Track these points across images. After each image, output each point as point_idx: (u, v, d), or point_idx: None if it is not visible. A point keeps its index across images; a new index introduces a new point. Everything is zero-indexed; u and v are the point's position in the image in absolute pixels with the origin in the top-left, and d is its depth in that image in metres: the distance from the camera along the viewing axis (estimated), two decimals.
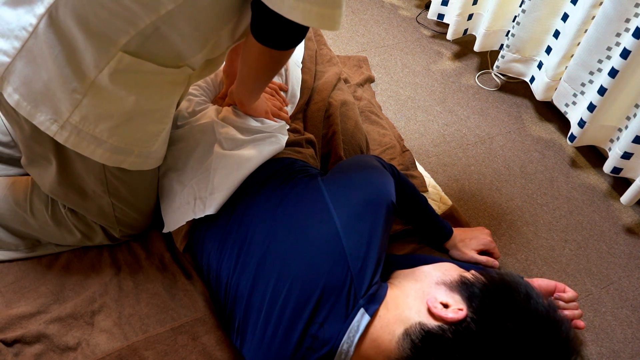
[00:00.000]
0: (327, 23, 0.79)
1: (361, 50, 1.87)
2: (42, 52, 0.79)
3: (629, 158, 1.34)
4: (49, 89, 0.81)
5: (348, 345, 0.79)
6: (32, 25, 0.78)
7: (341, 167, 0.99)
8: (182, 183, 1.03)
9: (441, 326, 0.76)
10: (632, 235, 1.39)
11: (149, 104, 0.89)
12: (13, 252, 1.09)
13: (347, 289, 0.80)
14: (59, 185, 0.98)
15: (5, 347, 0.94)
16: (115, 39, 0.79)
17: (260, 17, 0.83)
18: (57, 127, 0.83)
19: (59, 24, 0.77)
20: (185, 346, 0.97)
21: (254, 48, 0.90)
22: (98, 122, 0.85)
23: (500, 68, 1.71)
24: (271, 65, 0.96)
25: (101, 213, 1.04)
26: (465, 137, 1.60)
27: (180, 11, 0.79)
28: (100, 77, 0.81)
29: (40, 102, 0.82)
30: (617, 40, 1.32)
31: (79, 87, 0.81)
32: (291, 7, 0.76)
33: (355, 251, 0.81)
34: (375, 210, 0.86)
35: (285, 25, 0.82)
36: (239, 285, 0.88)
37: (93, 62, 0.80)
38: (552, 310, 0.76)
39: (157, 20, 0.79)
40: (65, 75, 0.80)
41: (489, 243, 1.19)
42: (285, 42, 0.88)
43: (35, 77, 0.80)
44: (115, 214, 1.05)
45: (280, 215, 0.90)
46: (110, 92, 0.83)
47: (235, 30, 0.91)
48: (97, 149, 0.87)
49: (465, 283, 0.81)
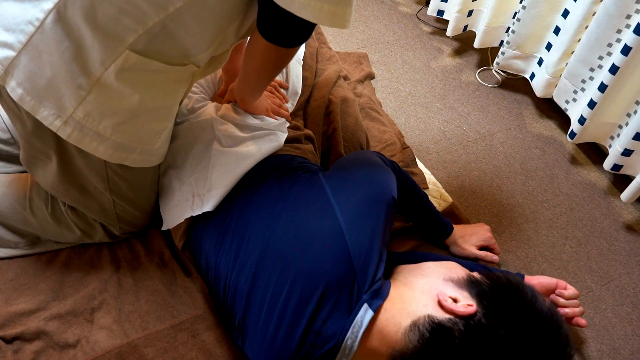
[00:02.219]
0: (338, 21, 0.79)
1: (361, 46, 1.87)
2: (48, 47, 0.78)
3: (629, 155, 1.34)
4: (53, 84, 0.80)
5: (352, 340, 0.80)
6: (39, 20, 0.77)
7: (343, 163, 0.99)
8: (180, 180, 1.03)
9: (452, 319, 0.77)
10: (632, 232, 1.38)
11: (153, 102, 0.88)
12: (12, 250, 1.09)
13: (350, 285, 0.80)
14: (59, 182, 0.97)
15: (5, 344, 0.94)
16: (123, 37, 0.78)
17: (268, 14, 0.83)
18: (60, 123, 0.83)
19: (67, 20, 0.77)
20: (185, 343, 0.97)
21: (260, 45, 0.89)
22: (102, 119, 0.84)
23: (500, 65, 1.71)
24: (276, 63, 0.96)
25: (102, 210, 1.04)
26: (465, 134, 1.60)
27: (189, 9, 0.79)
28: (106, 75, 0.80)
29: (44, 97, 0.81)
30: (617, 37, 1.32)
31: (84, 83, 0.80)
32: (302, 4, 0.76)
33: (359, 247, 0.81)
34: (378, 207, 0.87)
35: (294, 23, 0.81)
36: (239, 283, 0.88)
37: (99, 59, 0.79)
38: (554, 312, 0.78)
39: (166, 18, 0.79)
40: (70, 71, 0.79)
41: (489, 239, 1.19)
42: (293, 40, 0.87)
43: (40, 72, 0.79)
44: (115, 211, 1.04)
45: (280, 212, 0.90)
46: (116, 90, 0.82)
47: (241, 28, 0.91)
48: (100, 146, 0.87)
49: (473, 281, 0.82)
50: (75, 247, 1.11)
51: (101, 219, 1.07)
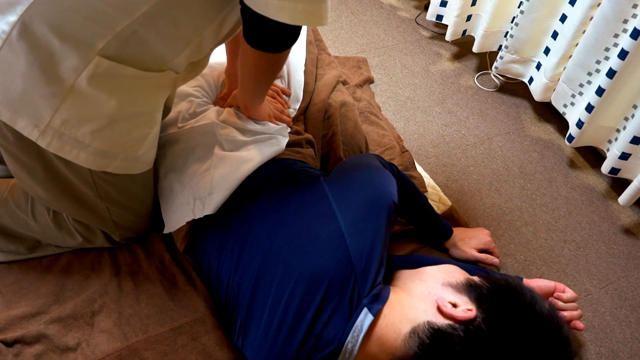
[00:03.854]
0: (315, 19, 0.80)
1: (360, 51, 1.88)
2: (17, 58, 0.77)
3: (627, 159, 1.34)
4: (27, 94, 0.80)
5: (352, 344, 0.80)
6: (5, 33, 0.76)
7: (343, 167, 0.99)
8: (182, 183, 1.03)
9: (452, 325, 0.77)
10: (630, 236, 1.39)
11: (132, 107, 0.88)
12: (13, 254, 1.09)
13: (351, 288, 0.80)
14: (50, 193, 0.97)
15: (5, 348, 0.94)
16: (92, 43, 0.78)
17: (250, 22, 0.83)
18: (38, 132, 0.82)
19: (33, 30, 0.76)
20: (185, 346, 0.97)
21: (250, 54, 0.90)
22: (80, 126, 0.84)
23: (499, 69, 1.71)
24: (270, 69, 0.96)
25: (98, 218, 1.04)
26: (464, 138, 1.60)
27: (157, 12, 0.79)
28: (79, 82, 0.80)
29: (20, 108, 0.80)
30: (615, 41, 1.33)
31: (57, 91, 0.80)
32: (277, 8, 0.77)
33: (359, 251, 0.82)
34: (379, 211, 0.87)
35: (275, 28, 0.82)
36: (241, 286, 0.88)
37: (71, 66, 0.79)
38: (554, 314, 0.78)
39: (134, 22, 0.78)
40: (43, 80, 0.79)
41: (489, 242, 1.20)
42: (278, 45, 0.88)
43: (12, 84, 0.79)
44: (112, 218, 1.04)
45: (282, 216, 0.90)
46: (90, 96, 0.82)
47: (219, 31, 0.91)
48: (80, 153, 0.86)
49: (472, 285, 0.82)
50: (75, 251, 1.11)
51: (99, 226, 1.06)
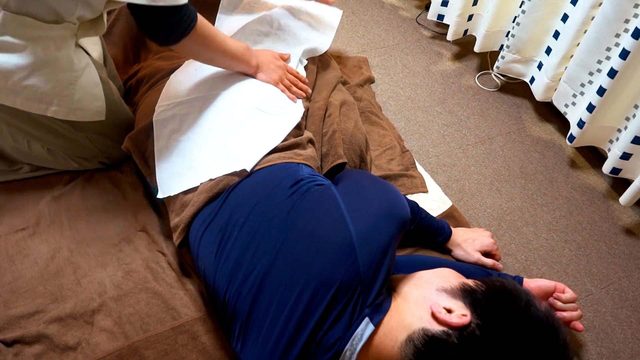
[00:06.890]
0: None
1: (361, 50, 1.88)
2: None
3: (628, 159, 1.34)
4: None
5: (350, 352, 0.79)
6: None
7: (354, 178, 0.99)
8: (190, 147, 1.06)
9: (446, 331, 0.76)
10: (631, 236, 1.39)
11: (45, 54, 0.98)
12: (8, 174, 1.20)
13: (356, 297, 0.80)
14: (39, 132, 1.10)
15: (5, 347, 0.94)
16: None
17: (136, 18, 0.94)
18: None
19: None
20: (186, 345, 0.97)
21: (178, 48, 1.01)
22: (8, 76, 0.96)
23: (500, 69, 1.71)
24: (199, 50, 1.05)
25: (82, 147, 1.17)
26: (465, 138, 1.60)
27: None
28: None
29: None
30: (616, 41, 1.32)
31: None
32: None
33: (369, 262, 0.81)
34: (391, 223, 0.86)
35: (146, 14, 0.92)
36: (241, 293, 0.87)
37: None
38: (550, 316, 0.77)
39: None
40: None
41: (491, 245, 1.19)
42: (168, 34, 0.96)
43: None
44: (94, 145, 1.18)
45: (292, 223, 0.88)
46: (8, 44, 0.94)
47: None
48: (16, 99, 0.99)
49: (467, 290, 0.81)
50: (72, 250, 1.10)
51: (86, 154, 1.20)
